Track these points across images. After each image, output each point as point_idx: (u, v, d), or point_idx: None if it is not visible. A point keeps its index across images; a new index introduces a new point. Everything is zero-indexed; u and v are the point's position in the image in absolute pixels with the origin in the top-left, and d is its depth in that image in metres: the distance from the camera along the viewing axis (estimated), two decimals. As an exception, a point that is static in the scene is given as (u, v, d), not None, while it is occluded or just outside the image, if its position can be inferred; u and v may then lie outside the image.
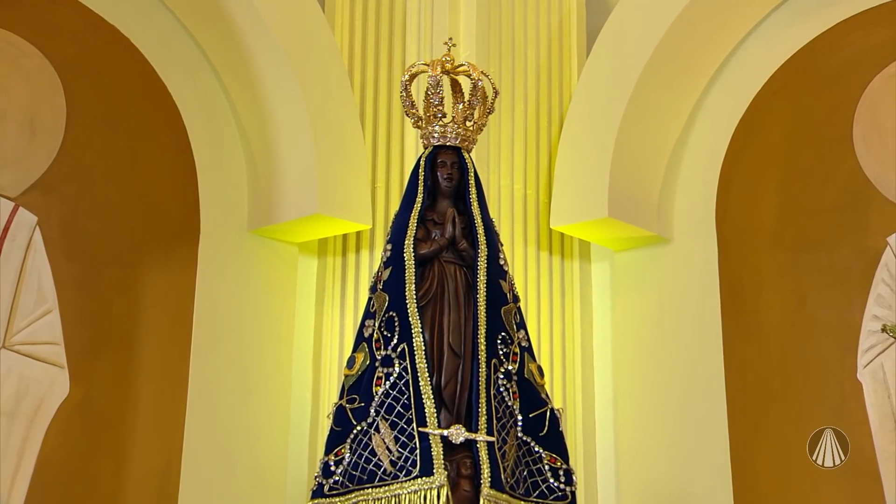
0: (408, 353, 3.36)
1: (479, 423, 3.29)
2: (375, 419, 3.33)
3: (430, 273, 3.53)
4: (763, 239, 4.49)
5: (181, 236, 4.37)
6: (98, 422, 4.04)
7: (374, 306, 3.52)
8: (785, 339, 4.35)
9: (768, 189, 4.54)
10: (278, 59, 4.34)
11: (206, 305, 4.33)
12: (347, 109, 4.47)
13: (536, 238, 4.63)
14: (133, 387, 4.13)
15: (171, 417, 4.18)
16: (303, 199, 4.34)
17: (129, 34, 4.38)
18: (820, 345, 4.27)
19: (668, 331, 4.59)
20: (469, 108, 3.65)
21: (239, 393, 4.36)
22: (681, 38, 4.53)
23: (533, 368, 3.52)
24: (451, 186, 3.66)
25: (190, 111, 4.46)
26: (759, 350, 4.41)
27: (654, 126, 4.63)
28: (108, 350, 4.12)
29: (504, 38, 4.71)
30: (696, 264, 4.58)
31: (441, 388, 3.39)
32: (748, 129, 4.64)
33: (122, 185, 4.26)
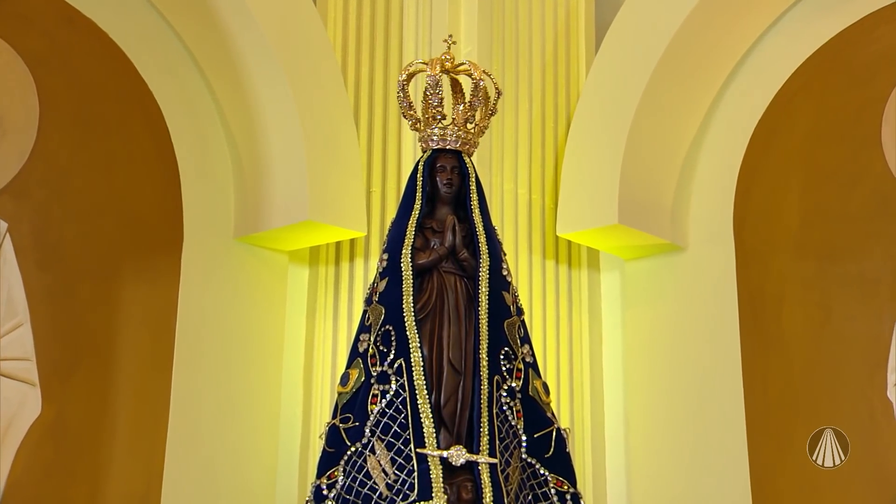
0: (405, 369, 3.35)
1: (481, 443, 3.27)
2: (371, 440, 3.32)
3: (429, 284, 3.51)
4: (785, 247, 4.46)
5: (163, 245, 4.35)
6: (72, 443, 4.00)
7: (370, 319, 3.51)
8: (809, 355, 4.33)
9: (790, 194, 4.51)
10: (267, 56, 4.33)
11: (189, 319, 4.31)
12: (341, 109, 4.45)
13: (542, 246, 4.62)
14: (110, 406, 4.11)
15: (150, 439, 4.16)
16: (293, 204, 4.32)
17: (106, 28, 4.35)
18: (847, 361, 4.24)
19: (682, 346, 4.56)
20: (470, 109, 3.64)
21: (224, 412, 4.34)
22: (696, 31, 4.51)
23: (538, 385, 3.51)
24: (451, 192, 3.65)
25: (172, 110, 4.45)
26: (781, 367, 4.38)
27: (668, 126, 4.61)
28: (84, 366, 4.09)
29: (507, 35, 4.70)
30: (712, 274, 4.55)
31: (440, 406, 3.38)
32: (768, 130, 4.61)
33: (100, 190, 4.23)
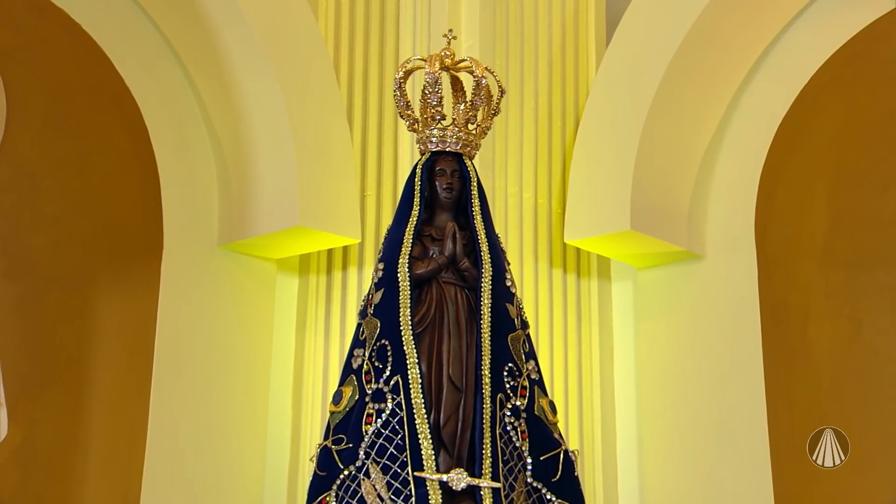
0: (402, 386, 3.36)
1: (483, 466, 3.29)
2: (365, 462, 3.32)
3: (428, 296, 3.53)
4: (811, 255, 4.49)
5: (141, 252, 4.35)
6: (41, 468, 4.00)
7: (364, 333, 3.53)
8: (838, 371, 4.34)
9: (817, 198, 4.54)
10: (254, 50, 4.34)
11: (169, 333, 4.31)
12: (333, 107, 4.47)
13: (549, 254, 4.63)
14: (83, 427, 4.11)
15: (126, 463, 4.16)
16: (281, 209, 4.33)
17: (80, 20, 4.36)
18: (880, 378, 4.24)
19: (700, 362, 4.56)
20: (471, 108, 3.66)
21: (207, 434, 4.35)
22: (715, 23, 4.51)
23: (544, 404, 3.52)
24: (451, 197, 3.67)
25: (151, 108, 4.46)
26: (808, 385, 4.39)
27: (684, 125, 4.62)
28: (54, 384, 4.09)
29: (511, 28, 4.70)
30: (732, 284, 4.55)
31: (440, 426, 3.39)
32: (793, 129, 4.62)
33: (72, 194, 4.24)
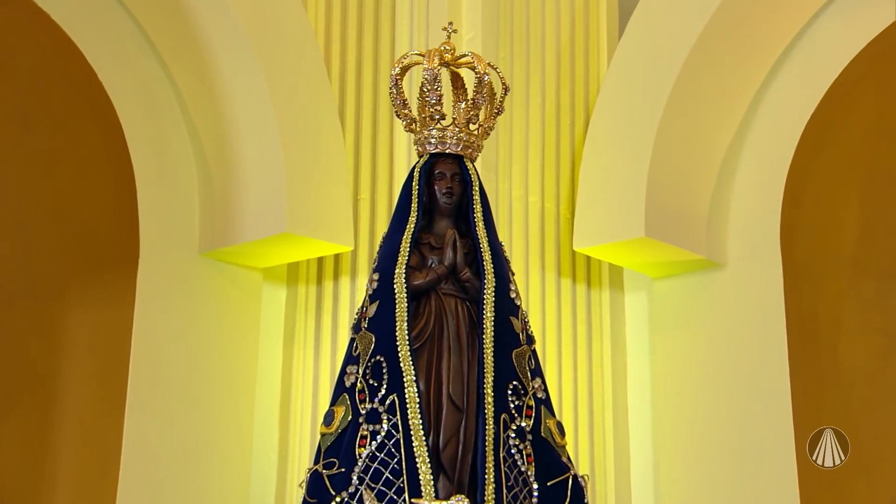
0: (398, 406, 3.33)
1: (486, 493, 3.26)
2: (359, 488, 3.28)
3: (427, 309, 3.50)
4: (841, 264, 4.48)
5: (115, 260, 4.34)
6: (5, 495, 3.96)
7: (358, 349, 3.49)
8: (871, 389, 4.32)
9: (847, 202, 4.52)
10: (238, 43, 4.34)
11: (145, 348, 4.29)
12: (324, 105, 4.47)
13: (557, 263, 4.63)
14: (51, 451, 4.09)
15: (99, 489, 4.13)
16: (268, 214, 4.32)
17: (48, 9, 4.32)
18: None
19: (720, 379, 4.54)
20: (473, 107, 3.64)
21: (187, 457, 4.33)
22: (737, 12, 4.49)
23: (552, 425, 3.49)
24: (451, 203, 3.65)
25: (127, 105, 4.43)
26: (838, 404, 4.35)
27: (703, 124, 4.60)
28: (21, 404, 4.08)
29: (516, 21, 4.71)
30: (755, 295, 4.53)
31: (439, 449, 3.35)
32: (822, 128, 4.60)
33: (41, 197, 4.22)
